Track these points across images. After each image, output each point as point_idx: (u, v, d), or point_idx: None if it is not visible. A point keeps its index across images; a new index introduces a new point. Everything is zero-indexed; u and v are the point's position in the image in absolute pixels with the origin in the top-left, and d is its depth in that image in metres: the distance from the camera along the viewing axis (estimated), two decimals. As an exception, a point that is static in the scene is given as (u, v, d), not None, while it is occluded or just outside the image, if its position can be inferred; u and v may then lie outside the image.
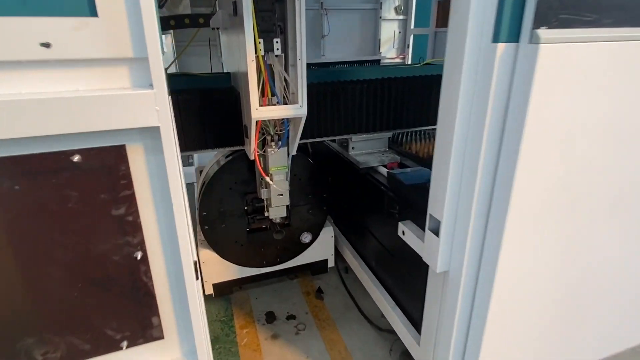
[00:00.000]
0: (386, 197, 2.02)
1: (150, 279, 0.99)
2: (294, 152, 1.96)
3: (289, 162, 1.96)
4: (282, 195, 1.98)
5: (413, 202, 1.85)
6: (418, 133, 2.73)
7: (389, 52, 5.87)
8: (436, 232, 1.48)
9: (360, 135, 2.28)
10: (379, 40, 5.87)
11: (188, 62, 5.00)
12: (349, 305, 2.64)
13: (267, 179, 1.91)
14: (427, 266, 1.67)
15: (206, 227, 2.29)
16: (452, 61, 1.27)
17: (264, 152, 1.90)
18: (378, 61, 5.25)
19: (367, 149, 2.40)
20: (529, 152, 1.19)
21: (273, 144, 1.86)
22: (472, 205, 1.34)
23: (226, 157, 2.31)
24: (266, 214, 2.12)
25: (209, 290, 2.47)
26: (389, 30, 5.76)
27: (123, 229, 0.92)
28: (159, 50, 0.81)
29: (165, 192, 0.92)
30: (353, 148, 2.37)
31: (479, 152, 1.27)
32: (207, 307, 2.63)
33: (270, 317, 2.55)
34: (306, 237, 2.55)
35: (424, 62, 2.96)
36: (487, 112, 1.21)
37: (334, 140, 2.63)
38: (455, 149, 1.31)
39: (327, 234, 2.64)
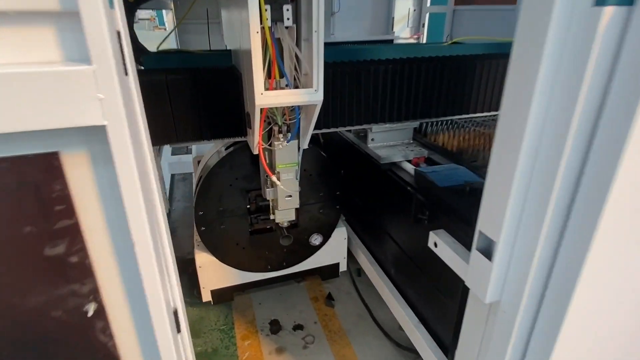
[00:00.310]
0: (414, 200, 1.70)
1: (112, 337, 0.69)
2: (305, 145, 1.63)
3: (300, 158, 1.64)
4: (290, 197, 1.66)
5: (448, 209, 1.53)
6: (445, 123, 2.38)
7: (402, 32, 5.45)
8: (488, 254, 1.16)
9: (382, 125, 1.94)
10: (393, 18, 5.44)
11: (188, 42, 4.62)
12: (363, 315, 2.36)
13: (273, 178, 1.59)
14: (462, 284, 1.38)
15: (203, 228, 1.99)
16: (528, 35, 0.92)
17: (270, 145, 1.58)
18: (391, 41, 4.84)
19: (389, 141, 2.07)
20: (636, 152, 0.86)
21: (281, 136, 1.53)
22: (543, 223, 1.01)
23: (226, 147, 1.98)
24: (272, 216, 1.81)
25: (207, 297, 2.19)
26: (403, 8, 5.33)
27: (64, 274, 0.62)
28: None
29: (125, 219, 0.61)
30: (373, 140, 2.04)
31: (560, 153, 0.93)
32: (205, 313, 2.36)
33: (275, 327, 2.28)
34: (316, 239, 2.24)
35: (452, 41, 2.59)
36: (579, 98, 0.87)
37: (349, 130, 2.30)
38: (525, 149, 0.97)
39: (340, 235, 2.33)
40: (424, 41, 5.38)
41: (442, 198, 1.56)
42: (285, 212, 1.73)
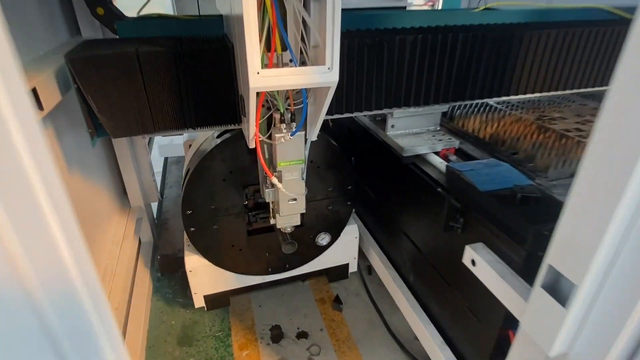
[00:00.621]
0: (445, 203, 1.39)
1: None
2: (314, 137, 1.31)
3: (307, 153, 1.31)
4: (295, 200, 1.35)
5: (492, 220, 1.22)
6: (475, 105, 2.03)
7: (415, -2, 4.96)
8: (559, 297, 0.87)
9: (406, 110, 1.60)
10: (406, -18, 4.94)
11: (184, 8, 4.14)
12: (374, 321, 2.11)
13: (274, 179, 1.28)
14: (506, 311, 1.10)
15: (192, 229, 1.70)
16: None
17: (270, 138, 1.25)
18: (403, 8, 4.38)
19: (412, 128, 1.73)
20: None
21: (283, 126, 1.20)
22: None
23: (219, 134, 1.66)
24: (272, 221, 1.52)
25: (200, 303, 1.93)
26: (418, -29, 4.82)
27: None
28: None
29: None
30: (393, 127, 1.70)
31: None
32: (199, 317, 2.11)
33: (277, 334, 2.03)
34: (323, 239, 1.96)
35: (484, 7, 2.19)
36: None
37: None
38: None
39: (351, 234, 2.04)
40: (440, 8, 4.90)
41: (484, 206, 1.25)
42: (288, 217, 1.43)
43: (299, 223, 1.51)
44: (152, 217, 2.56)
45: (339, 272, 2.15)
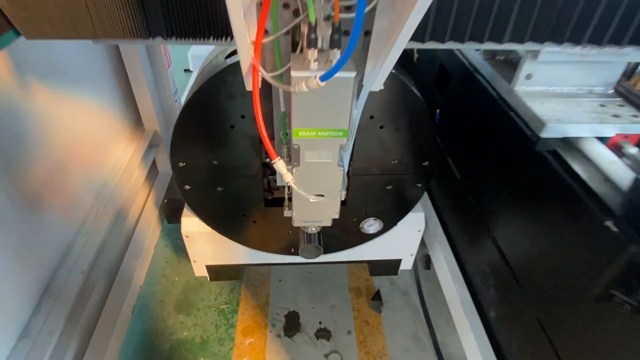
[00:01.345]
0: (614, 248, 0.70)
1: None
2: (378, 85, 0.64)
3: (359, 114, 0.66)
4: (322, 197, 0.74)
5: None
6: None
7: None
8: None
9: (567, 49, 0.82)
10: None
11: None
12: (421, 337, 1.56)
13: (279, 165, 0.66)
14: None
15: (188, 187, 1.19)
16: None
17: (284, 80, 0.61)
18: None
19: (563, 85, 0.96)
20: None
21: (313, 55, 0.56)
22: None
23: (228, 54, 1.05)
24: (286, 213, 0.93)
25: (200, 272, 1.51)
26: None
27: None
28: None
29: None
30: (529, 77, 0.94)
31: None
32: (206, 281, 1.71)
33: (292, 325, 1.59)
34: (371, 226, 1.36)
35: None
36: None
37: (477, 49, 1.16)
38: None
39: (413, 225, 1.40)
40: None
41: None
42: (309, 212, 0.84)
43: (329, 225, 0.91)
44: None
45: (385, 267, 1.58)
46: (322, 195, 0.73)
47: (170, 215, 1.69)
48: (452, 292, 1.34)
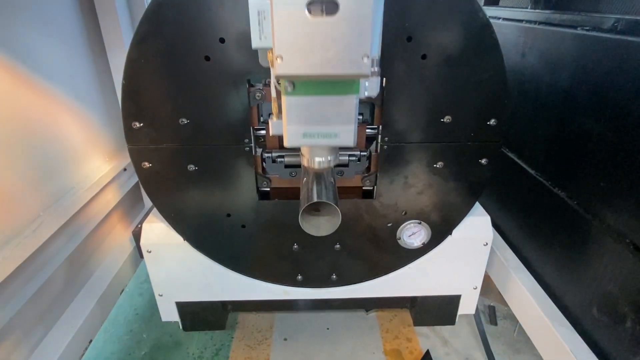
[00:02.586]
0: None
1: None
2: None
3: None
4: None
5: None
6: None
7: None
8: None
9: None
10: None
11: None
12: None
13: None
14: None
15: (146, 164, 0.83)
16: None
17: None
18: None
19: None
20: None
21: None
22: None
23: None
24: (272, 127, 0.54)
25: (169, 317, 1.03)
26: None
27: None
28: None
29: None
30: None
31: None
32: (183, 338, 1.22)
33: (301, 405, 1.05)
34: (414, 234, 0.92)
35: None
36: None
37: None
38: None
39: (475, 234, 0.96)
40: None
41: None
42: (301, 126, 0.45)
43: (352, 145, 0.50)
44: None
45: (436, 310, 1.06)
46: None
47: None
48: (552, 338, 0.82)
